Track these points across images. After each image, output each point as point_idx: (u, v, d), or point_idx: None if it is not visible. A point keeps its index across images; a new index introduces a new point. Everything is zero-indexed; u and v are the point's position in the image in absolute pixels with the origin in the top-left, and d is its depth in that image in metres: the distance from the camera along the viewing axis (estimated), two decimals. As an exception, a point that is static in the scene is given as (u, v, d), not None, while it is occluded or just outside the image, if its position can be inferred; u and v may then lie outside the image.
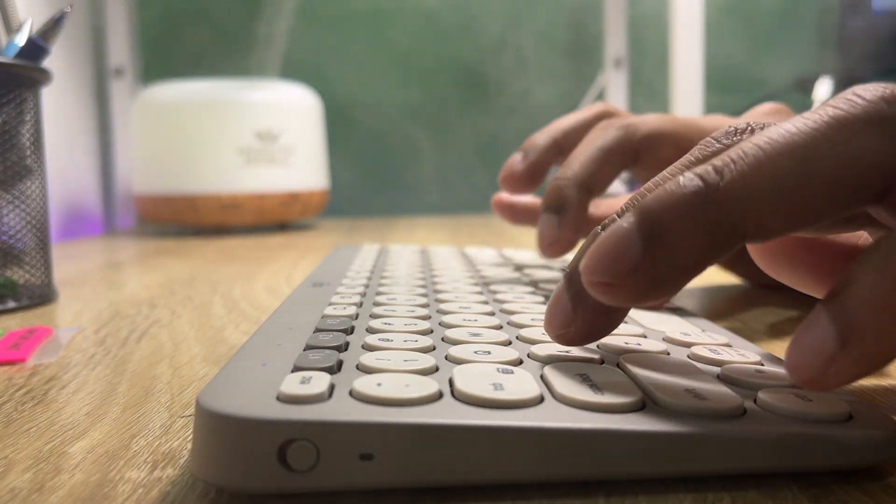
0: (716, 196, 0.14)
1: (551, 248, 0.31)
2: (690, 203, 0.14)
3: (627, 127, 0.31)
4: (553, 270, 0.36)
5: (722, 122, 0.31)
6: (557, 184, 0.31)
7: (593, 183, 0.30)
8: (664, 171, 0.17)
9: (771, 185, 0.14)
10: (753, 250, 0.19)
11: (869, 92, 0.14)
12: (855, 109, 0.14)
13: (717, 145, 0.16)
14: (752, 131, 0.17)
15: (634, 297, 0.15)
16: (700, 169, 0.14)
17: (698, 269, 0.14)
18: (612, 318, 0.17)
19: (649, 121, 0.32)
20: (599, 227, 0.17)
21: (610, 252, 0.15)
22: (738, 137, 0.16)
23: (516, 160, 0.34)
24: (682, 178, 0.14)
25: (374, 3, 1.13)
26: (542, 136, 0.34)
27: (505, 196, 0.37)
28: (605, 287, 0.15)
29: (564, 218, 0.30)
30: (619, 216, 0.16)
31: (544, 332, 0.21)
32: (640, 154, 0.31)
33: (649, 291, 0.14)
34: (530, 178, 0.34)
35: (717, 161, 0.14)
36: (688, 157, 0.17)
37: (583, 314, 0.16)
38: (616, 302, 0.15)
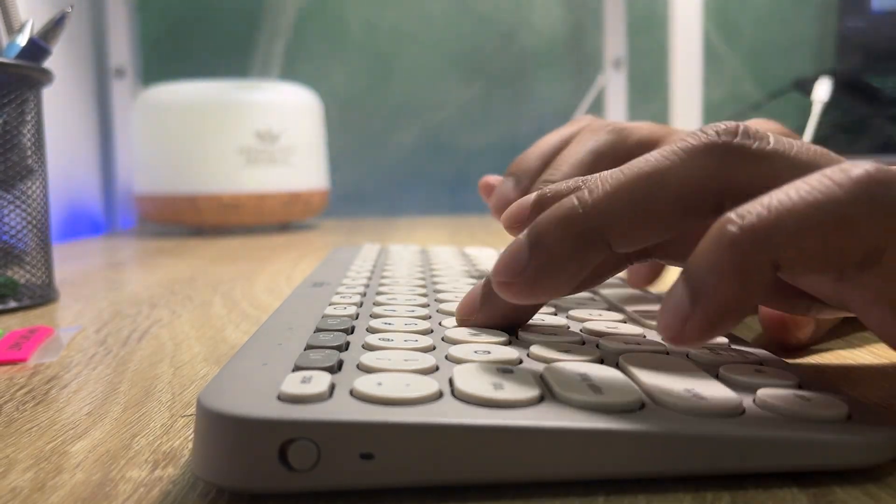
0: (583, 211, 0.18)
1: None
2: (564, 217, 0.18)
3: (620, 131, 0.31)
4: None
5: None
6: (542, 190, 0.31)
7: None
8: (567, 181, 0.20)
9: (626, 201, 0.17)
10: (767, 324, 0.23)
11: (711, 128, 0.18)
12: (696, 141, 0.17)
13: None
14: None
15: (527, 292, 0.18)
16: (579, 192, 0.18)
17: (574, 269, 0.18)
18: (510, 318, 0.21)
19: (643, 127, 0.32)
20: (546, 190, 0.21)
21: (508, 257, 0.18)
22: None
23: (508, 187, 0.32)
24: (566, 199, 0.18)
25: (375, 4, 1.13)
26: (531, 157, 0.32)
27: (493, 178, 0.35)
28: (504, 285, 0.18)
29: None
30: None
31: (544, 332, 0.21)
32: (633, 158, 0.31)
33: (537, 287, 0.18)
34: None
35: (591, 183, 0.18)
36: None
37: (486, 309, 0.21)
38: (514, 297, 0.18)
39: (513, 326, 0.21)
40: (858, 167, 0.15)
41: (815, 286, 0.19)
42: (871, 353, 0.26)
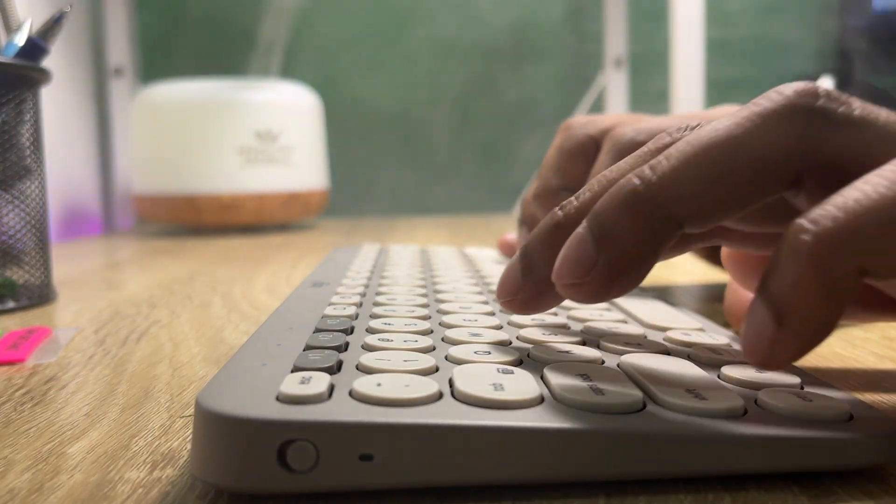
0: (650, 191, 0.16)
1: None
2: (629, 201, 0.16)
3: (586, 125, 0.35)
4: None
5: (671, 121, 0.32)
6: (526, 197, 0.36)
7: (566, 183, 0.34)
8: (619, 163, 0.19)
9: (698, 176, 0.16)
10: (730, 267, 0.20)
11: (788, 88, 0.16)
12: (771, 104, 0.16)
13: (668, 139, 0.18)
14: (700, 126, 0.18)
15: (599, 292, 0.16)
16: (638, 169, 0.16)
17: (648, 259, 0.16)
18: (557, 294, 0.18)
19: (607, 117, 0.35)
20: (558, 208, 0.19)
21: (571, 256, 0.17)
22: (688, 132, 0.18)
23: (524, 236, 0.37)
24: (623, 180, 0.16)
25: (374, 3, 1.13)
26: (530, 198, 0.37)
27: (510, 237, 0.41)
28: (573, 287, 0.17)
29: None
30: (572, 207, 0.18)
31: (544, 333, 0.21)
32: (602, 144, 0.34)
33: (610, 285, 0.16)
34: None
35: (653, 160, 0.16)
36: (643, 148, 0.19)
37: (531, 284, 0.18)
38: (587, 299, 0.17)
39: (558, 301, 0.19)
40: None
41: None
42: (872, 354, 0.26)
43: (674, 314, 0.25)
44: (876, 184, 0.14)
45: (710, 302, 0.37)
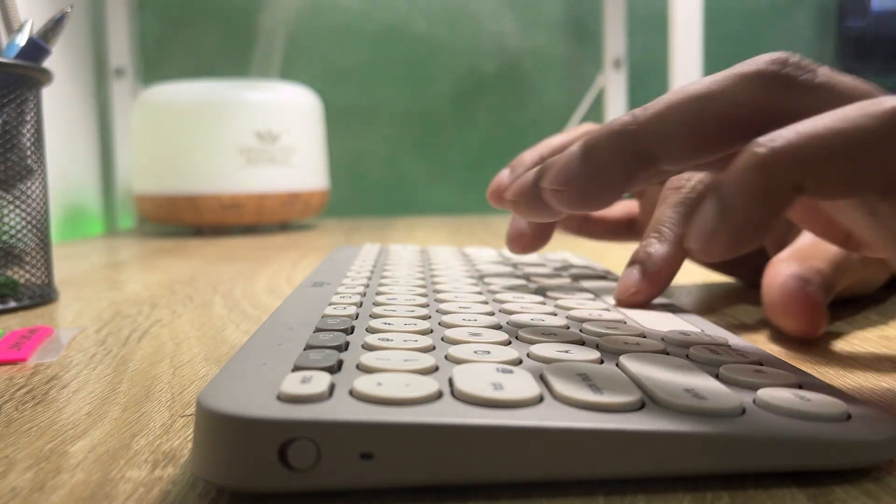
0: (635, 127, 0.19)
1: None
2: (616, 132, 0.19)
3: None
4: (549, 269, 0.36)
5: None
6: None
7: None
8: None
9: (675, 120, 0.18)
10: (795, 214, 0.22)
11: (764, 56, 0.18)
12: (746, 68, 0.18)
13: None
14: None
15: (575, 199, 0.19)
16: (634, 109, 0.19)
17: (621, 181, 0.19)
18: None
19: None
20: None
21: (560, 166, 0.19)
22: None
23: (504, 175, 0.35)
24: (622, 115, 0.19)
25: (374, 3, 1.13)
26: (529, 154, 0.35)
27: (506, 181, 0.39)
28: (555, 193, 0.19)
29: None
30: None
31: (544, 332, 0.21)
32: None
33: (585, 195, 0.19)
34: None
35: (648, 104, 0.19)
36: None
37: (527, 202, 0.21)
38: (563, 204, 0.19)
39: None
40: (893, 100, 0.16)
41: (844, 216, 0.19)
42: (871, 353, 0.26)
43: (672, 314, 0.25)
44: (828, 117, 0.16)
45: (709, 302, 0.37)
